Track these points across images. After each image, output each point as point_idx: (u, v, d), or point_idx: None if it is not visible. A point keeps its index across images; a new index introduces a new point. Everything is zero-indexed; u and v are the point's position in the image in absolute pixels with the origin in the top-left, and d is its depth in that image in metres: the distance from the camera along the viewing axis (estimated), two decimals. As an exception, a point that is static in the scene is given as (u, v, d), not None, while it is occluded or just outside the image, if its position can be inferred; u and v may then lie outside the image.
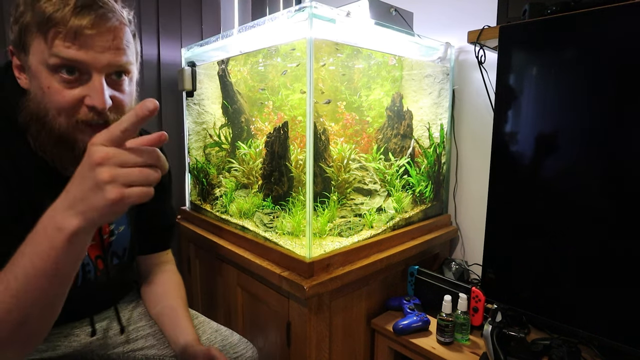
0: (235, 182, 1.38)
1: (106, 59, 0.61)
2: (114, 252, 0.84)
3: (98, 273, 0.80)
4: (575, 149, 0.89)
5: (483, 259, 1.07)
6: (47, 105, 0.61)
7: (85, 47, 0.59)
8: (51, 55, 0.58)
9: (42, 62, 0.59)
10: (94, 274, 0.80)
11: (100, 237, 0.81)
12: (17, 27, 0.61)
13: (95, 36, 0.59)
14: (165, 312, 0.88)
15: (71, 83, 0.60)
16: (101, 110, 0.61)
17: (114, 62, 0.62)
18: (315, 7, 0.95)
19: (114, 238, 0.83)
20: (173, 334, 0.84)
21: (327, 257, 1.03)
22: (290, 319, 1.05)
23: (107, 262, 0.83)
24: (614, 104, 0.82)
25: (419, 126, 1.43)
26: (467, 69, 1.42)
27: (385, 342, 1.17)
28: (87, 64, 0.60)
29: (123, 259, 0.86)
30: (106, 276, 0.82)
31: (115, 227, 0.84)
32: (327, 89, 1.29)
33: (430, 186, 1.41)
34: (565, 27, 0.88)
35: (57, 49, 0.58)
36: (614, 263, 0.85)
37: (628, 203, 0.82)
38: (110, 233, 0.82)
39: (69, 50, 0.58)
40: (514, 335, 0.96)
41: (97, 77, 0.61)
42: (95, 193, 0.44)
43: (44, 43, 0.58)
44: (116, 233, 0.83)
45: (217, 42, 1.34)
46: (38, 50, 0.59)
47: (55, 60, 0.58)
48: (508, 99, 0.98)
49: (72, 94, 0.61)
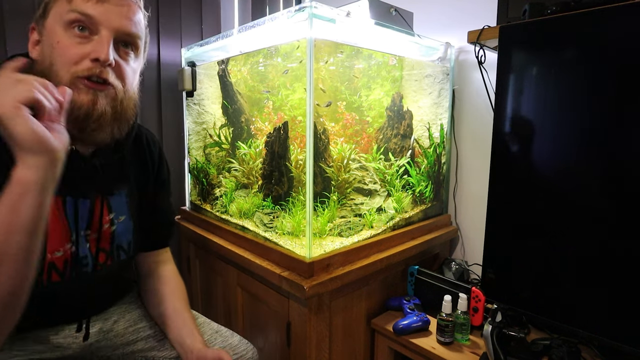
0: (235, 182, 1.38)
1: (117, 21, 0.68)
2: (119, 246, 0.83)
3: (97, 267, 0.79)
4: (575, 149, 0.89)
5: (483, 259, 1.07)
6: (53, 60, 0.65)
7: (99, 6, 0.66)
8: (69, 11, 0.65)
9: (59, 21, 0.66)
10: (92, 267, 0.78)
11: (99, 226, 0.79)
12: (43, 2, 0.69)
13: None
14: (169, 313, 0.87)
15: (81, 39, 0.66)
16: (103, 62, 0.66)
17: (124, 26, 0.69)
18: (315, 7, 0.95)
19: (115, 228, 0.81)
20: (178, 335, 0.84)
21: (327, 257, 1.03)
22: (290, 319, 1.05)
23: (113, 256, 0.81)
24: (614, 104, 0.82)
25: (419, 126, 1.43)
26: (467, 69, 1.42)
27: (385, 342, 1.17)
28: (99, 21, 0.66)
29: (129, 253, 0.85)
30: (109, 269, 0.81)
31: (116, 217, 0.82)
32: (327, 89, 1.29)
33: (430, 186, 1.41)
34: (565, 27, 0.88)
35: (76, 3, 0.65)
36: (613, 263, 0.85)
37: (628, 203, 0.82)
38: (110, 222, 0.81)
39: (86, 4, 0.65)
40: (514, 335, 0.96)
41: (105, 34, 0.67)
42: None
43: (65, 2, 0.65)
44: (116, 222, 0.82)
45: (217, 42, 1.34)
46: (57, 11, 0.66)
47: (71, 15, 0.65)
48: (508, 99, 0.98)
49: (80, 48, 0.66)
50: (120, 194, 0.83)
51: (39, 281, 0.71)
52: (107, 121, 0.70)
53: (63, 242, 0.73)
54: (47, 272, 0.72)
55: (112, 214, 0.81)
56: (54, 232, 0.72)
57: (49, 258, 0.72)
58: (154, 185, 0.92)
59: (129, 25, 0.69)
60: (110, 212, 0.81)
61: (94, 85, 0.67)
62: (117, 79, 0.69)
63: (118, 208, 0.83)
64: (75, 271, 0.75)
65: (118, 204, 0.82)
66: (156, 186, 0.93)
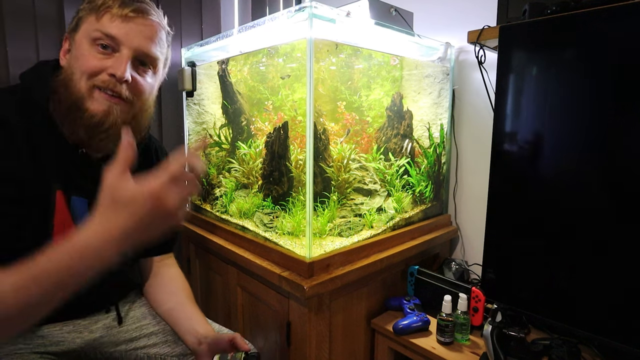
0: (235, 182, 1.38)
1: (138, 41, 0.73)
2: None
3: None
4: (575, 148, 0.89)
5: (483, 259, 1.07)
6: (75, 69, 0.71)
7: (123, 26, 0.72)
8: (95, 30, 0.71)
9: (86, 36, 0.72)
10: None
11: None
12: (77, 15, 0.75)
13: (134, 19, 0.73)
14: (178, 307, 0.89)
15: (102, 55, 0.72)
16: (119, 78, 0.71)
17: (144, 47, 0.74)
18: (315, 7, 0.95)
19: None
20: (190, 326, 0.85)
21: (327, 257, 1.03)
22: (290, 319, 1.05)
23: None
24: (614, 103, 0.82)
25: (419, 126, 1.43)
26: (467, 69, 1.42)
27: (385, 342, 1.17)
28: (121, 41, 0.72)
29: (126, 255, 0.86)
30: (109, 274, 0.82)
31: None
32: (327, 89, 1.29)
33: (430, 186, 1.41)
34: (565, 27, 0.88)
35: (102, 24, 0.71)
36: (613, 263, 0.85)
37: (628, 203, 0.82)
38: None
39: (110, 25, 0.71)
40: (514, 335, 0.96)
41: (124, 52, 0.72)
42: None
43: (94, 20, 0.72)
44: None
45: (217, 42, 1.34)
46: (86, 27, 0.72)
47: (97, 34, 0.71)
48: (508, 99, 0.98)
49: (100, 61, 0.71)
50: None
51: None
52: (117, 133, 0.73)
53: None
54: None
55: None
56: (59, 229, 0.73)
57: None
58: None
59: (149, 45, 0.75)
60: None
61: (108, 98, 0.72)
62: (132, 94, 0.74)
63: None
64: None
65: None
66: None
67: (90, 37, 0.71)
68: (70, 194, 0.74)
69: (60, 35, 1.27)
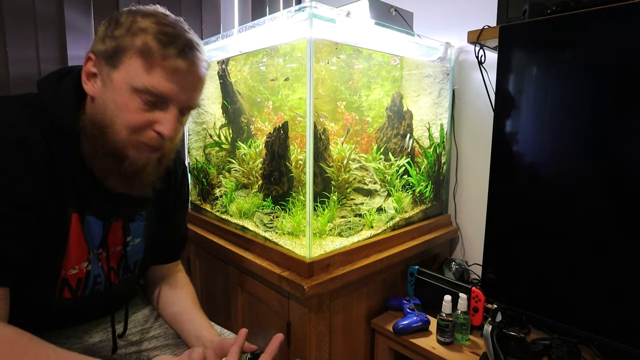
0: (235, 182, 1.38)
1: (186, 98, 0.68)
2: (126, 266, 0.84)
3: (109, 286, 0.80)
4: (575, 148, 0.89)
5: (483, 259, 1.07)
6: (115, 119, 0.65)
7: (176, 84, 0.65)
8: (143, 84, 0.63)
9: (129, 82, 0.63)
10: (104, 285, 0.79)
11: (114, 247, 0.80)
12: (114, 43, 0.64)
13: (187, 76, 0.66)
14: (183, 311, 0.88)
15: (148, 107, 0.65)
16: (167, 139, 0.67)
17: (192, 102, 0.70)
18: (315, 7, 0.95)
19: (129, 249, 0.83)
20: (195, 329, 0.84)
21: (327, 257, 1.03)
22: (290, 319, 1.05)
23: (119, 275, 0.82)
24: (614, 104, 0.82)
25: (419, 126, 1.43)
26: (467, 69, 1.42)
27: (385, 342, 1.17)
28: (171, 99, 0.66)
29: (134, 272, 0.86)
30: (116, 287, 0.82)
31: (132, 239, 0.83)
32: (327, 89, 1.29)
33: (430, 186, 1.41)
34: (565, 27, 0.88)
35: (152, 79, 0.63)
36: (613, 263, 0.85)
37: (628, 203, 0.82)
38: (125, 244, 0.82)
39: (161, 81, 0.64)
40: (514, 335, 0.96)
41: (173, 109, 0.67)
42: None
43: (142, 69, 0.63)
44: (131, 245, 0.83)
45: (217, 42, 1.34)
46: (130, 70, 0.63)
47: (145, 88, 0.63)
48: (508, 99, 0.98)
49: (146, 116, 0.65)
50: (140, 218, 0.84)
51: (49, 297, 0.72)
52: (151, 173, 0.72)
53: (80, 260, 0.74)
54: (59, 289, 0.73)
55: (130, 237, 0.82)
56: (72, 250, 0.72)
57: (63, 274, 0.73)
58: (173, 205, 0.93)
59: (196, 99, 0.71)
60: (128, 235, 0.82)
61: (151, 151, 0.69)
62: (170, 141, 0.70)
63: (136, 231, 0.83)
64: (88, 289, 0.77)
65: (137, 227, 0.83)
66: (175, 206, 0.94)
67: (135, 87, 0.63)
68: (85, 213, 0.73)
69: (60, 35, 1.27)
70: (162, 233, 0.91)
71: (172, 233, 0.95)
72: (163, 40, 0.64)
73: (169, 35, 0.64)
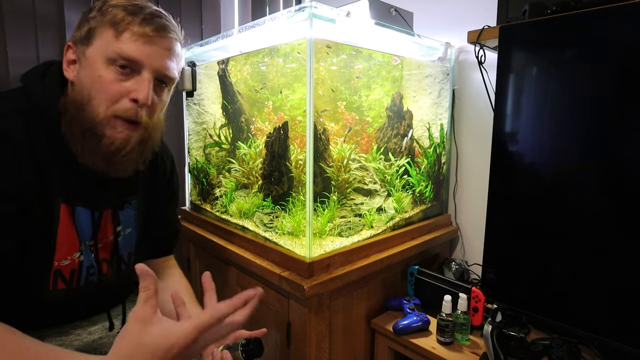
0: (235, 182, 1.38)
1: (159, 62, 0.70)
2: (120, 257, 0.84)
3: (102, 277, 0.80)
4: (575, 148, 0.89)
5: (483, 259, 1.07)
6: (92, 93, 0.67)
7: (145, 47, 0.68)
8: (114, 50, 0.66)
9: (102, 54, 0.67)
10: (97, 276, 0.79)
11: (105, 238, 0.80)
12: (88, 25, 0.68)
13: (155, 39, 0.69)
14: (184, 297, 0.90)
15: (122, 76, 0.67)
16: (141, 104, 0.68)
17: (165, 69, 0.71)
18: (315, 7, 0.95)
19: (120, 239, 0.83)
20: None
21: (327, 257, 1.03)
22: (290, 319, 1.05)
23: (113, 266, 0.82)
24: (614, 104, 0.82)
25: (419, 126, 1.43)
26: (467, 69, 1.42)
27: (385, 342, 1.17)
28: (142, 63, 0.68)
29: (129, 265, 0.86)
30: (110, 279, 0.82)
31: (122, 229, 0.83)
32: (327, 89, 1.29)
33: (430, 186, 1.41)
34: (565, 27, 0.88)
35: (122, 44, 0.66)
36: (613, 263, 0.85)
37: (628, 203, 0.82)
38: (117, 234, 0.82)
39: (131, 46, 0.66)
40: (514, 335, 0.96)
41: (146, 75, 0.69)
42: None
43: (112, 37, 0.66)
44: (122, 234, 0.83)
45: (217, 42, 1.34)
46: (102, 42, 0.67)
47: (116, 54, 0.66)
48: (508, 99, 0.98)
49: (121, 85, 0.67)
50: (129, 206, 0.84)
51: (43, 289, 0.72)
52: (134, 155, 0.72)
53: (71, 250, 0.74)
54: (52, 280, 0.73)
55: (120, 226, 0.82)
56: (62, 241, 0.72)
57: (56, 266, 0.72)
58: (163, 197, 0.93)
59: (169, 67, 0.72)
60: (118, 225, 0.82)
61: (128, 126, 0.69)
62: (148, 114, 0.71)
63: (126, 220, 0.83)
64: (82, 280, 0.77)
65: (126, 216, 0.83)
66: (165, 198, 0.94)
67: (108, 56, 0.66)
68: (74, 204, 0.73)
69: (60, 35, 1.27)
70: (153, 225, 0.91)
71: (162, 226, 0.95)
72: (130, 9, 0.67)
73: (136, 6, 0.68)
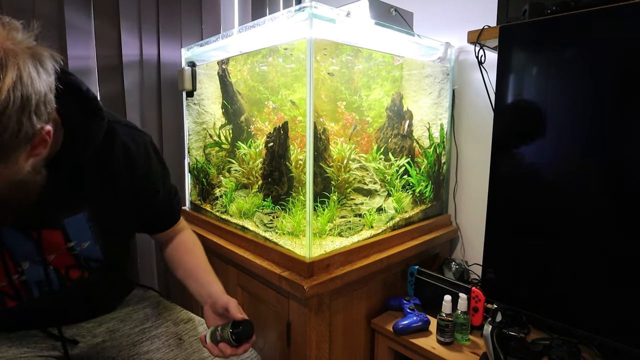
0: (235, 182, 1.38)
1: None
2: (88, 258, 0.78)
3: (68, 284, 0.77)
4: (576, 148, 0.89)
5: (483, 259, 1.07)
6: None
7: None
8: None
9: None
10: (59, 285, 0.76)
11: (58, 250, 0.75)
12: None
13: None
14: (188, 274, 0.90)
15: None
16: None
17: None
18: (315, 7, 0.95)
19: (78, 251, 0.77)
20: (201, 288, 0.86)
21: (327, 257, 1.03)
22: (290, 319, 1.05)
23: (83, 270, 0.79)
24: (614, 103, 0.82)
25: (419, 126, 1.43)
26: (467, 69, 1.42)
27: (385, 342, 1.17)
28: None
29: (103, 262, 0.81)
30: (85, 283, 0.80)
31: (78, 244, 0.76)
32: (327, 89, 1.29)
33: (430, 186, 1.41)
34: (565, 27, 0.88)
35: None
36: (613, 263, 0.85)
37: (628, 203, 0.82)
38: (70, 249, 0.75)
39: None
40: (514, 335, 0.96)
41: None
42: None
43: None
44: (78, 249, 0.76)
45: (217, 42, 1.34)
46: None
47: None
48: (508, 99, 0.98)
49: None
50: (77, 218, 0.74)
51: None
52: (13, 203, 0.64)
53: (2, 276, 0.71)
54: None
55: (72, 242, 0.75)
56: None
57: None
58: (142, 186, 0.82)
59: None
60: (69, 241, 0.74)
61: None
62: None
63: (80, 234, 0.75)
64: (35, 293, 0.75)
65: (78, 230, 0.75)
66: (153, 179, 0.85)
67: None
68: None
69: (60, 35, 1.27)
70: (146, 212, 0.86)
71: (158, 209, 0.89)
72: None
73: None
